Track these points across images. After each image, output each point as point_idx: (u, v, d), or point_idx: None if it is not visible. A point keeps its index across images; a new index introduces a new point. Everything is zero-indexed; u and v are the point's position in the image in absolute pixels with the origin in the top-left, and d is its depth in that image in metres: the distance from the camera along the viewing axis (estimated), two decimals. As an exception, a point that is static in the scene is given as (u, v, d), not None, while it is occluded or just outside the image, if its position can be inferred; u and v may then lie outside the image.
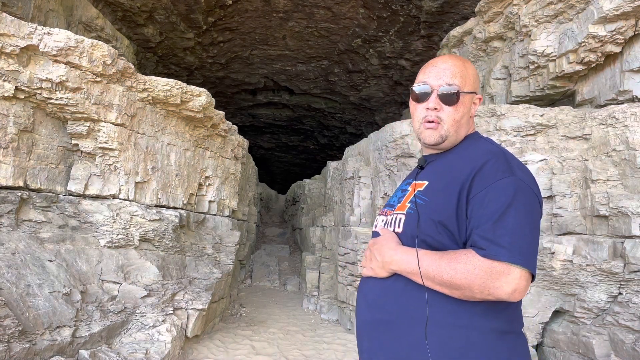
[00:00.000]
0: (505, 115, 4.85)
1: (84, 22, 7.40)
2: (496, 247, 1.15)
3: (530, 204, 1.22)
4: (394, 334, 1.28)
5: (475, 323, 1.22)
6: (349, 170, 7.70)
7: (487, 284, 1.15)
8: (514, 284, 1.14)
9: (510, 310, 1.27)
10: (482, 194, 1.22)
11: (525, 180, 1.24)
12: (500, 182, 1.21)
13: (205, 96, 5.52)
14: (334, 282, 7.73)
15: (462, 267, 1.18)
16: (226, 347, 5.31)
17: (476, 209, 1.22)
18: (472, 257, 1.18)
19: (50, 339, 3.48)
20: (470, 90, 1.40)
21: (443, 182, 1.33)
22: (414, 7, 9.75)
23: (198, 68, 13.04)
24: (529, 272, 1.17)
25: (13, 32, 3.86)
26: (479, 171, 1.25)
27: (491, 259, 1.15)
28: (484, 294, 1.17)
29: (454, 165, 1.35)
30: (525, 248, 1.17)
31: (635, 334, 3.59)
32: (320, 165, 18.24)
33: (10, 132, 3.99)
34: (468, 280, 1.17)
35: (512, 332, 1.28)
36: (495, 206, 1.19)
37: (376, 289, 1.38)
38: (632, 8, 4.35)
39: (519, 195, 1.20)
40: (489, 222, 1.18)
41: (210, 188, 6.70)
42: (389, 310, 1.31)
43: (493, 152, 1.31)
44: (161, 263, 5.08)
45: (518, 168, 1.27)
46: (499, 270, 1.15)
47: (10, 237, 3.87)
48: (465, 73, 1.39)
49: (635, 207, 3.78)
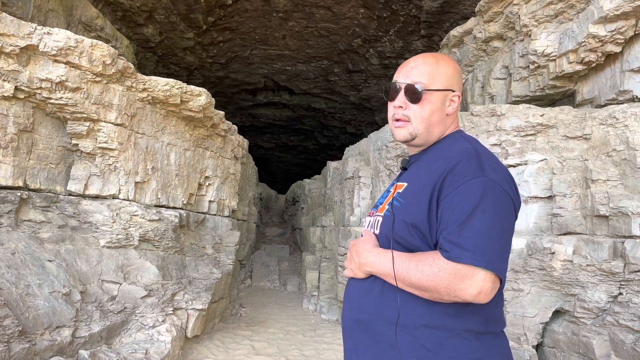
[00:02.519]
0: (505, 115, 4.85)
1: (84, 22, 7.40)
2: (460, 250, 1.15)
3: (499, 205, 1.20)
4: (371, 334, 1.31)
5: (447, 324, 1.22)
6: (349, 170, 7.70)
7: (452, 286, 1.15)
8: (478, 287, 1.14)
9: (485, 311, 1.27)
10: (452, 195, 1.21)
11: (497, 180, 1.22)
12: (469, 183, 1.20)
13: (205, 96, 5.52)
14: (334, 282, 7.73)
15: (429, 269, 1.19)
16: (226, 347, 5.31)
17: (445, 211, 1.22)
18: (438, 260, 1.18)
19: (50, 339, 3.48)
20: (441, 87, 1.38)
21: (419, 183, 1.33)
22: (414, 7, 9.74)
23: (198, 68, 13.03)
24: (494, 274, 1.16)
25: (13, 32, 3.86)
26: (450, 172, 1.24)
27: (455, 261, 1.16)
28: (450, 296, 1.17)
29: (431, 165, 1.34)
30: (490, 250, 1.16)
31: (635, 334, 3.59)
32: (320, 165, 18.22)
33: (10, 132, 3.99)
34: (434, 282, 1.18)
35: (488, 332, 1.27)
36: (463, 208, 1.18)
37: (357, 290, 1.40)
38: (632, 8, 4.34)
39: (487, 196, 1.18)
40: (455, 225, 1.18)
41: (210, 188, 6.70)
42: (366, 311, 1.34)
43: (467, 151, 1.29)
44: (161, 263, 5.08)
45: (490, 168, 1.24)
46: (463, 272, 1.14)
47: (10, 237, 3.87)
48: (435, 71, 1.39)
49: (635, 207, 3.77)
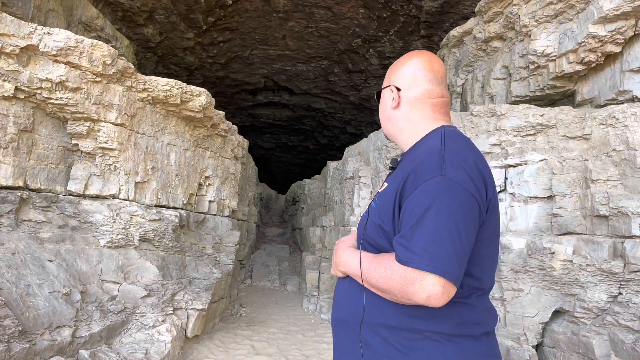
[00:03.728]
0: (505, 115, 4.85)
1: (84, 22, 7.40)
2: (409, 253, 1.13)
3: (456, 206, 1.14)
4: (345, 333, 1.33)
5: (416, 326, 1.21)
6: (349, 170, 7.70)
7: (403, 289, 1.14)
8: (427, 291, 1.11)
9: (459, 314, 1.22)
10: (411, 197, 1.18)
11: (456, 178, 1.15)
12: (425, 183, 1.16)
13: (205, 96, 5.52)
14: (334, 282, 7.73)
15: (384, 271, 1.19)
16: (226, 347, 5.31)
17: (403, 213, 1.20)
18: (392, 262, 1.18)
19: (50, 339, 3.48)
20: (386, 84, 1.46)
21: (393, 185, 1.31)
22: (414, 7, 9.75)
23: (198, 68, 13.03)
24: (444, 278, 1.11)
25: (13, 32, 3.86)
26: (412, 172, 1.21)
27: (404, 265, 1.14)
28: (404, 298, 1.16)
29: (405, 165, 1.31)
30: (440, 254, 1.11)
31: (635, 334, 3.59)
32: (320, 165, 18.23)
33: (10, 132, 3.99)
34: (388, 284, 1.18)
35: (463, 335, 1.22)
36: (417, 210, 1.15)
37: (338, 289, 1.44)
38: (632, 8, 4.34)
39: (442, 196, 1.14)
40: (407, 227, 1.16)
41: (210, 188, 6.70)
42: (345, 310, 1.36)
43: (431, 149, 1.25)
44: (161, 263, 5.08)
45: (451, 165, 1.18)
46: (412, 276, 1.13)
47: (10, 237, 3.87)
48: (390, 70, 1.46)
49: (635, 207, 3.78)
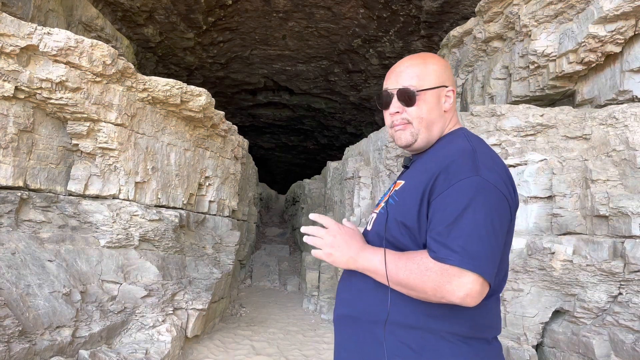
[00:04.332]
0: (505, 115, 4.85)
1: (84, 22, 7.40)
2: (447, 251, 1.13)
3: (492, 206, 1.17)
4: (357, 331, 1.31)
5: (432, 326, 1.21)
6: (349, 170, 7.70)
7: (440, 286, 1.14)
8: (466, 289, 1.12)
9: (473, 316, 1.24)
10: (443, 195, 1.19)
11: (491, 180, 1.19)
12: (461, 182, 1.18)
13: (205, 96, 5.52)
14: (334, 282, 7.73)
15: (416, 268, 1.18)
16: (226, 347, 5.31)
17: (436, 211, 1.20)
18: (426, 259, 1.17)
19: (50, 339, 3.48)
20: (433, 85, 1.38)
21: (414, 182, 1.32)
22: (414, 7, 9.74)
23: (198, 68, 13.03)
24: (482, 277, 1.13)
25: (13, 32, 3.86)
26: (443, 171, 1.22)
27: (442, 262, 1.14)
28: (437, 297, 1.15)
29: (428, 164, 1.32)
30: (479, 252, 1.13)
31: (635, 334, 3.59)
32: (320, 165, 18.22)
33: (10, 132, 3.99)
34: (422, 282, 1.16)
35: (476, 338, 1.24)
36: (453, 208, 1.16)
37: (346, 285, 1.41)
38: (632, 8, 4.34)
39: (479, 196, 1.16)
40: (444, 225, 1.16)
41: (210, 188, 6.70)
42: (354, 307, 1.34)
43: (463, 150, 1.27)
44: (161, 263, 5.08)
45: (486, 167, 1.21)
46: (451, 273, 1.12)
47: (10, 237, 3.87)
48: (424, 70, 1.39)
49: (635, 207, 3.78)
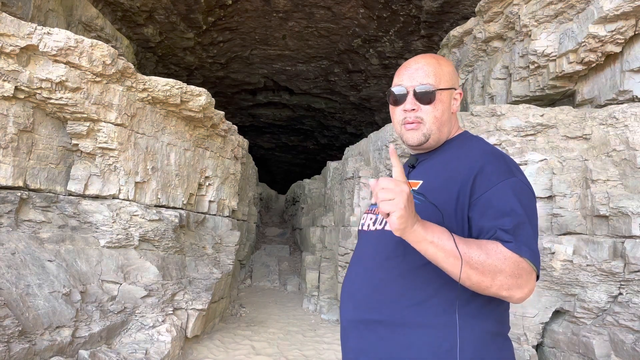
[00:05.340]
0: (505, 115, 4.85)
1: (84, 22, 7.40)
2: (519, 244, 1.15)
3: (534, 207, 1.27)
4: (386, 334, 1.27)
5: (464, 323, 1.22)
6: (349, 170, 7.70)
7: (511, 277, 1.12)
8: (531, 287, 1.16)
9: (499, 312, 1.29)
10: (488, 194, 1.22)
11: (524, 182, 1.28)
12: (503, 183, 1.23)
13: (205, 96, 5.52)
14: (334, 282, 7.73)
15: (494, 254, 1.14)
16: (226, 347, 5.31)
17: (485, 209, 1.22)
18: (501, 247, 1.15)
19: (50, 339, 3.48)
20: (447, 86, 1.40)
21: (439, 180, 1.33)
22: (414, 7, 9.74)
23: (198, 68, 13.03)
24: (538, 278, 1.20)
25: (13, 32, 3.86)
26: (480, 173, 1.26)
27: (517, 253, 1.14)
28: (502, 287, 1.12)
29: (450, 164, 1.35)
30: (537, 254, 1.19)
31: (635, 334, 3.59)
32: (320, 165, 18.21)
33: (10, 132, 3.99)
34: (498, 267, 1.12)
35: (501, 334, 1.30)
36: (503, 206, 1.20)
37: (365, 285, 1.35)
38: (632, 8, 4.34)
39: (524, 197, 1.23)
40: (506, 218, 1.18)
41: (210, 188, 6.70)
42: (378, 309, 1.29)
43: (492, 153, 1.34)
44: (161, 263, 5.08)
45: (516, 170, 1.30)
46: (525, 267, 1.14)
47: (10, 237, 3.87)
48: (439, 70, 1.40)
49: (635, 207, 3.77)
